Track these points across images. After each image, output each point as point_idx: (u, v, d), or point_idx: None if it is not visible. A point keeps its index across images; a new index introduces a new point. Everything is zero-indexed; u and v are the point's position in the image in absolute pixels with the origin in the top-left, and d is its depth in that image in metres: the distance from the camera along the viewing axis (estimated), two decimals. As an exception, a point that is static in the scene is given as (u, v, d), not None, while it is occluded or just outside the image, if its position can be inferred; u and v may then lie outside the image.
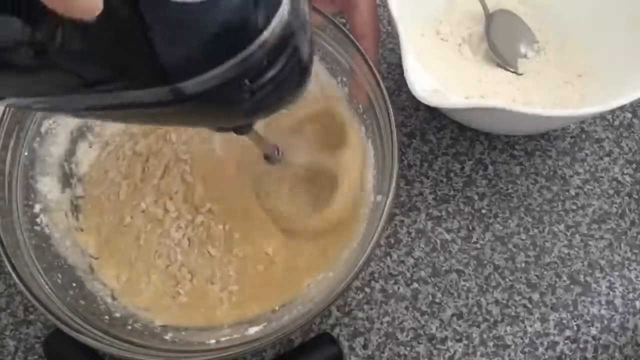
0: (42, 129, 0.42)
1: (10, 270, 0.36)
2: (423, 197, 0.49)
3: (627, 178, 0.50)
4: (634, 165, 0.51)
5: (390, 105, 0.39)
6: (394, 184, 0.38)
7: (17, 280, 0.35)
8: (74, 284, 0.40)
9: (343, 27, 0.42)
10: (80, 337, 0.35)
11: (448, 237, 0.47)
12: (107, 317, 0.39)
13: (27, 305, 0.44)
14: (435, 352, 0.43)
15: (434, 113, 0.52)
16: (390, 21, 0.45)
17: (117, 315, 0.40)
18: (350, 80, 0.44)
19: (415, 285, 0.45)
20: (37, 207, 0.41)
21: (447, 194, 0.49)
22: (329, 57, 0.45)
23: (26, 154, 0.41)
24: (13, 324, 0.44)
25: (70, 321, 0.35)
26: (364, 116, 0.43)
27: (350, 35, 0.42)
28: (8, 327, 0.44)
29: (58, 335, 0.40)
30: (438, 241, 0.47)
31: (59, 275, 0.39)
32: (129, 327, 0.39)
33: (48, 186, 0.43)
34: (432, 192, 0.49)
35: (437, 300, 0.45)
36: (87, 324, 0.36)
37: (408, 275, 0.46)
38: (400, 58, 0.42)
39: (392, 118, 0.39)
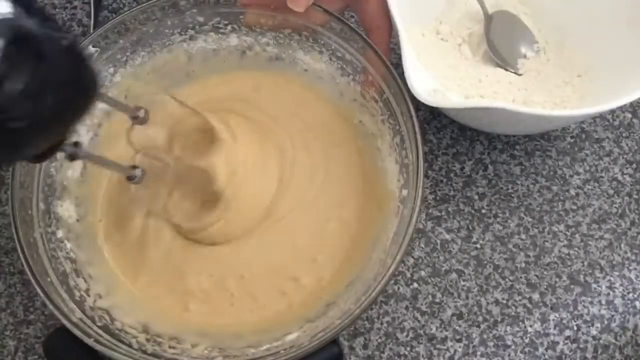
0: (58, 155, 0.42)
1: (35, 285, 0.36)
2: (423, 197, 0.49)
3: (627, 178, 0.50)
4: (634, 165, 0.51)
5: (407, 95, 0.39)
6: (421, 176, 0.37)
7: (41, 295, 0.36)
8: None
9: (349, 23, 0.42)
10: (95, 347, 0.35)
11: (448, 237, 0.47)
12: (134, 340, 0.38)
13: (27, 305, 0.45)
14: (435, 352, 0.43)
15: (434, 113, 0.52)
16: (390, 21, 0.45)
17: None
18: (361, 76, 0.44)
19: (415, 285, 0.45)
20: (60, 233, 0.41)
21: (447, 194, 0.49)
22: (335, 56, 0.45)
23: (43, 177, 0.41)
24: (13, 324, 0.44)
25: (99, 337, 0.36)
26: (380, 113, 0.43)
27: (359, 31, 0.41)
28: (8, 327, 0.44)
29: (58, 336, 0.40)
30: (438, 241, 0.47)
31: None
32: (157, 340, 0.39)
33: (68, 210, 0.43)
34: (432, 192, 0.49)
35: (437, 300, 0.45)
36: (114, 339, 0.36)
37: (408, 275, 0.46)
38: (400, 58, 0.42)
39: (411, 107, 0.38)
